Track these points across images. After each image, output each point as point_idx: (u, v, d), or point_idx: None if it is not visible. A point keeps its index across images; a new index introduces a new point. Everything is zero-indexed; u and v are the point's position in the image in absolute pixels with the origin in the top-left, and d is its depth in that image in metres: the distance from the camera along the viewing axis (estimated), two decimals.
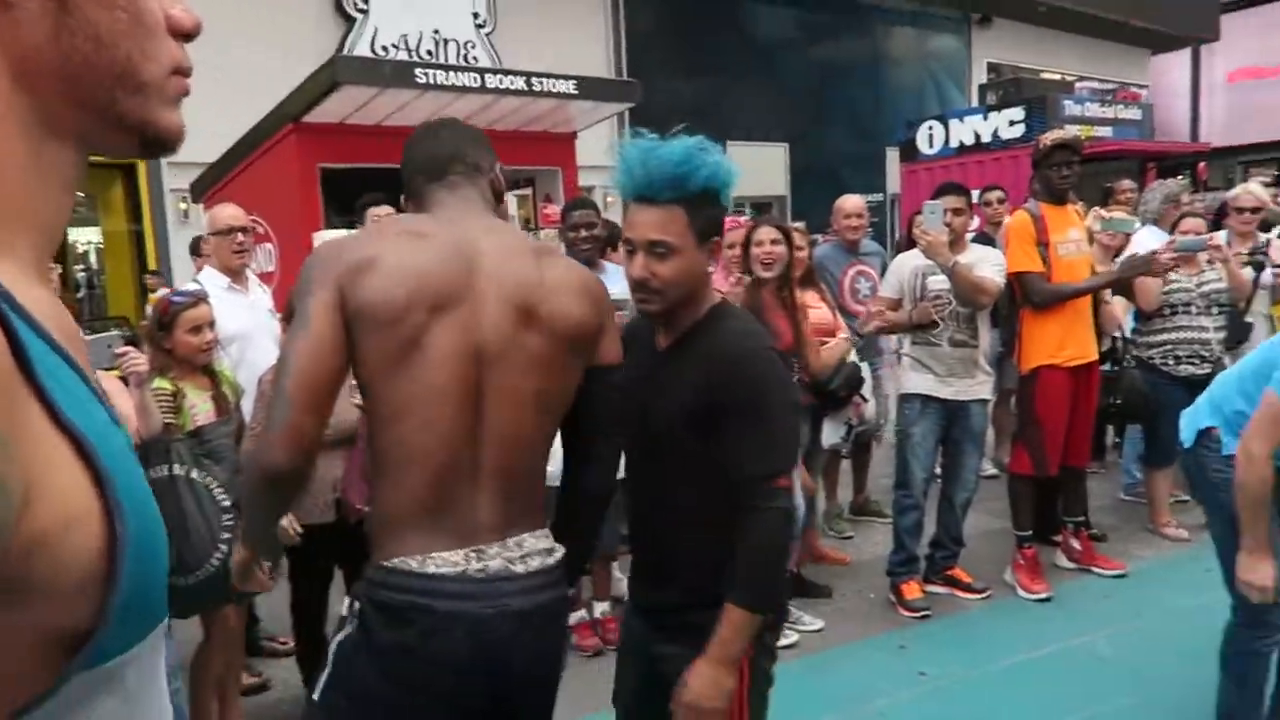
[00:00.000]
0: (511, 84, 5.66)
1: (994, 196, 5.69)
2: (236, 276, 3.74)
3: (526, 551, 1.53)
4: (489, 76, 5.78)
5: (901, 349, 4.21)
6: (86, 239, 12.03)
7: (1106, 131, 10.88)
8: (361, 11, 10.56)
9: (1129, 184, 6.96)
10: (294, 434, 1.39)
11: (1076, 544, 4.45)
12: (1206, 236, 4.40)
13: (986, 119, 10.69)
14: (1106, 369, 4.45)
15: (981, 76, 14.54)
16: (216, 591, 2.63)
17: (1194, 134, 19.59)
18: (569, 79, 5.81)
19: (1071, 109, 10.81)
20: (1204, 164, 13.78)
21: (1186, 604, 3.77)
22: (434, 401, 1.46)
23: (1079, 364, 4.10)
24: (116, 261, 10.77)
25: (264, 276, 4.68)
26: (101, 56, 0.63)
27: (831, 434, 4.25)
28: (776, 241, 3.65)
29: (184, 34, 0.69)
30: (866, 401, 4.52)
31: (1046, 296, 4.06)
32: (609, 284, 1.75)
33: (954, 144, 10.89)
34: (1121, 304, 4.71)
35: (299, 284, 1.47)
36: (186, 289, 3.15)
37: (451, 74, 5.54)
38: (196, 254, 6.01)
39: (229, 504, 2.69)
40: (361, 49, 10.40)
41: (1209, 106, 21.98)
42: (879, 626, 3.91)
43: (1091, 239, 4.39)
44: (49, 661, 0.56)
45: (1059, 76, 14.86)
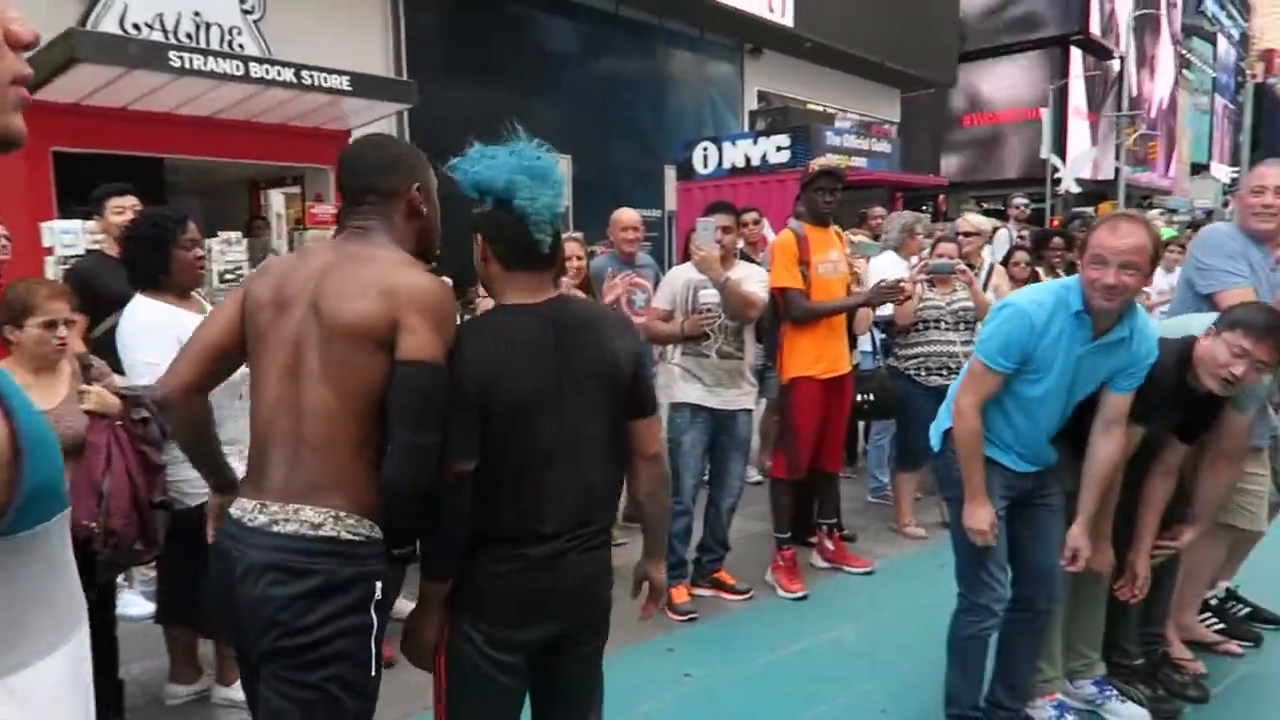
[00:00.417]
0: (279, 75, 5.36)
1: (749, 218, 6.02)
2: None
3: (296, 518, 1.73)
4: (254, 65, 5.43)
5: (672, 359, 4.35)
6: None
7: (862, 162, 11.75)
8: None
9: (880, 210, 7.62)
10: (171, 373, 1.91)
11: (830, 544, 4.77)
12: (956, 260, 4.88)
13: (757, 143, 11.26)
14: (858, 367, 4.81)
15: (753, 103, 15.32)
16: None
17: (936, 169, 21.67)
18: (343, 74, 5.58)
19: (832, 139, 11.60)
20: (944, 196, 15.26)
21: (924, 597, 4.11)
22: (263, 378, 1.83)
23: (832, 376, 4.41)
24: None
25: None
26: None
27: None
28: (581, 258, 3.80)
29: (23, 46, 0.79)
30: None
31: (804, 313, 4.33)
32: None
33: (727, 165, 11.40)
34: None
35: None
36: None
37: (211, 59, 5.17)
38: None
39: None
40: (109, 25, 9.48)
41: (948, 145, 24.42)
42: (650, 631, 3.98)
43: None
44: None
45: (822, 108, 15.94)
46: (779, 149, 10.98)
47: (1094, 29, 24.09)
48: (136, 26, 9.80)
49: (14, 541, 0.81)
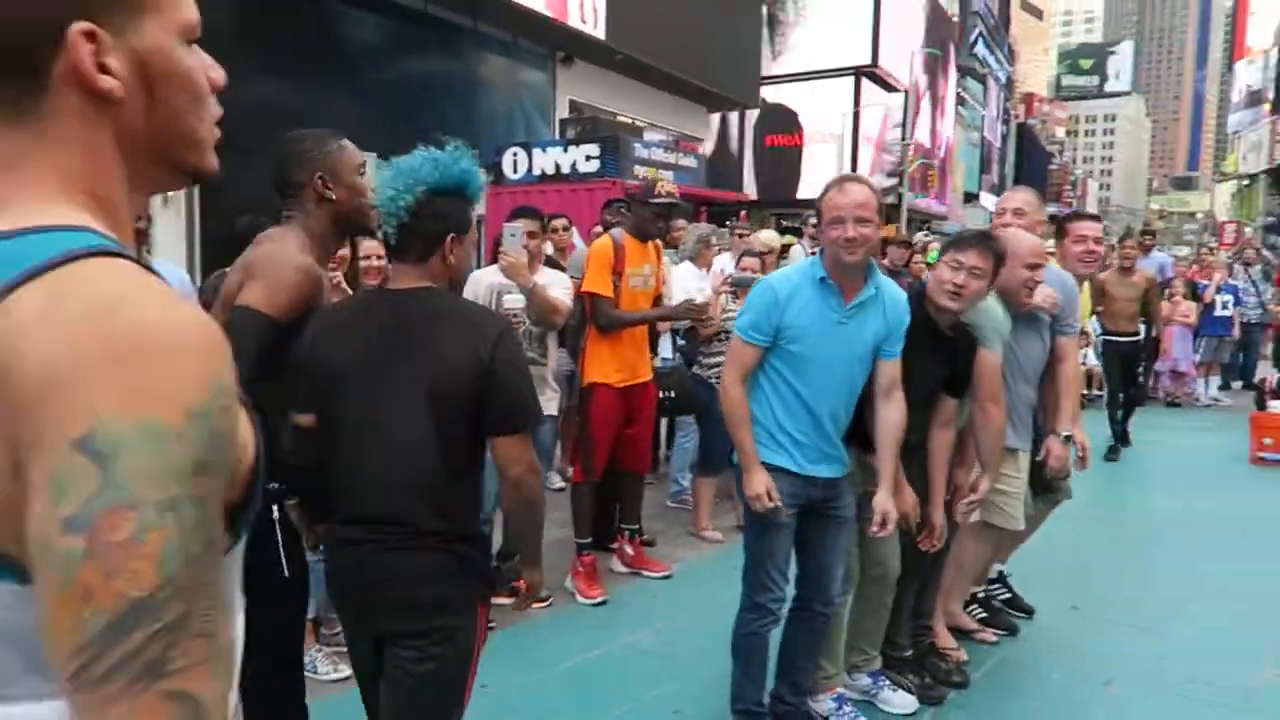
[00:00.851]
0: None
1: (559, 223, 6.04)
2: None
3: None
4: None
5: None
6: None
7: (669, 175, 12.06)
8: None
9: (682, 223, 7.78)
10: None
11: (630, 549, 4.83)
12: (758, 274, 5.08)
13: (567, 151, 11.33)
14: (659, 365, 4.90)
15: (564, 111, 15.38)
16: None
17: (740, 185, 22.57)
18: None
19: (640, 151, 11.85)
20: (745, 212, 15.90)
21: (719, 598, 4.22)
22: None
23: (631, 384, 4.47)
24: None
25: None
26: (174, 127, 0.81)
27: None
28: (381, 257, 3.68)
29: (218, 91, 0.86)
30: None
31: (610, 321, 4.37)
32: None
33: (536, 171, 11.40)
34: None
35: None
36: None
37: None
38: None
39: None
40: None
41: (753, 163, 25.51)
42: None
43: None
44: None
45: (632, 120, 16.23)
46: (589, 158, 11.10)
47: (883, 64, 25.99)
48: None
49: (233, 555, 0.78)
